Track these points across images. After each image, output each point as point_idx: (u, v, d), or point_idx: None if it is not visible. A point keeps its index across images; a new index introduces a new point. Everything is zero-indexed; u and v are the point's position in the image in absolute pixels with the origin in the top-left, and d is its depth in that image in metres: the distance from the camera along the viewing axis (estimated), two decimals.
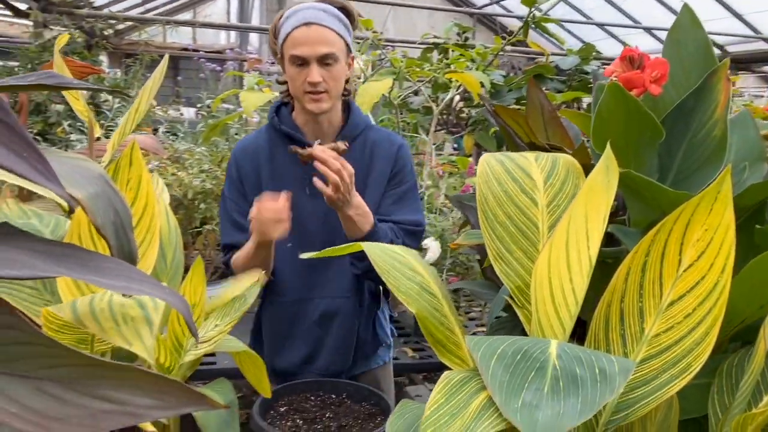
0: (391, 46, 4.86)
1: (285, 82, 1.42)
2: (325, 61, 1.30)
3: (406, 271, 0.81)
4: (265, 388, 1.06)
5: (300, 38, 1.29)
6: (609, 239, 0.92)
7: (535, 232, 0.83)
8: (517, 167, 0.89)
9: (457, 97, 2.98)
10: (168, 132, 2.99)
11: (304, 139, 1.38)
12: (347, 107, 1.46)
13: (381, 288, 1.53)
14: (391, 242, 1.31)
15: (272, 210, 1.23)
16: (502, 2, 8.24)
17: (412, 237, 1.42)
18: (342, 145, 1.26)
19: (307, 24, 1.29)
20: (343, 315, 1.41)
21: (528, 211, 0.84)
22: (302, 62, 1.30)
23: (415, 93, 3.02)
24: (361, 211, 1.28)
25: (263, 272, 1.29)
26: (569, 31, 7.90)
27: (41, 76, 0.62)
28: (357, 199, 1.28)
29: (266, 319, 1.44)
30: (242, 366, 1.07)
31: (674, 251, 0.73)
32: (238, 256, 1.35)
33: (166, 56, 1.17)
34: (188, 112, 4.75)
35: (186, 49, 6.41)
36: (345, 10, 1.36)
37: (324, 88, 1.31)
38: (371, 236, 1.28)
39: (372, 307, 1.49)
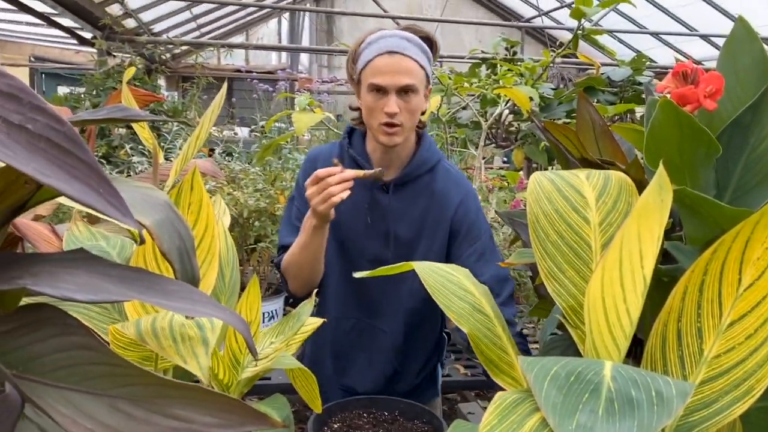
0: (439, 62, 4.89)
1: (357, 109, 1.39)
2: (404, 92, 1.26)
3: (457, 290, 0.81)
4: (317, 405, 1.07)
5: (381, 67, 1.25)
6: (665, 256, 0.90)
7: (588, 251, 0.82)
8: (567, 185, 0.88)
9: (506, 111, 2.96)
10: (224, 152, 3.09)
11: (367, 168, 1.37)
12: (419, 139, 1.42)
13: (446, 337, 1.52)
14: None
15: (329, 172, 1.21)
16: (550, 14, 8.16)
17: (510, 300, 1.38)
18: (379, 173, 1.25)
19: (390, 53, 1.25)
20: (375, 337, 1.42)
21: (580, 230, 0.84)
22: (381, 91, 1.26)
23: (464, 108, 3.02)
24: None
25: (313, 278, 1.31)
26: (620, 40, 7.74)
27: (111, 110, 0.66)
28: None
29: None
30: (295, 382, 1.09)
31: (733, 270, 0.71)
32: (289, 252, 1.35)
33: (225, 83, 1.20)
34: (242, 132, 4.90)
35: (239, 71, 6.61)
36: (428, 40, 1.32)
37: (399, 121, 1.27)
38: None
39: (432, 357, 1.49)
